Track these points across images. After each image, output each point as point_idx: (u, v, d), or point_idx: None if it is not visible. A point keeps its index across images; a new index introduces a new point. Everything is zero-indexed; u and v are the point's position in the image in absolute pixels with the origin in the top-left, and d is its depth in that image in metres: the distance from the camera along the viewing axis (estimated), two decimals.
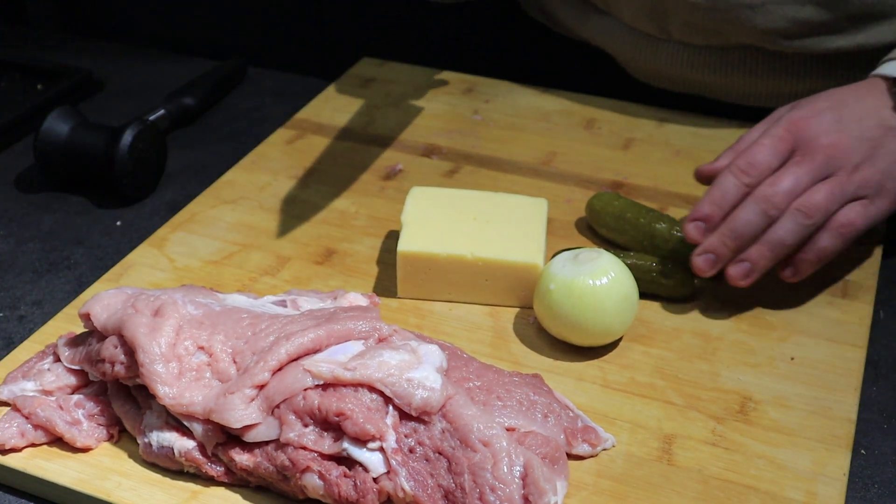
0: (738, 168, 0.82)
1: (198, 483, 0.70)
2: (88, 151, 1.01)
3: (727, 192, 0.82)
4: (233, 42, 1.70)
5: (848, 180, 0.81)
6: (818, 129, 0.83)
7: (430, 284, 0.86)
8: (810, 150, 0.82)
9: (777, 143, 0.83)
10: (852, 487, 0.72)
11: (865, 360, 0.81)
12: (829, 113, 0.84)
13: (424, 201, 0.90)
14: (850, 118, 0.84)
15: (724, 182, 0.82)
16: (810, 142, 0.82)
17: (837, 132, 0.83)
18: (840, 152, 0.82)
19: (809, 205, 0.80)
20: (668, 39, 1.09)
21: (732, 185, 0.82)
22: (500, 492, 0.63)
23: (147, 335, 0.70)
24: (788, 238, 0.81)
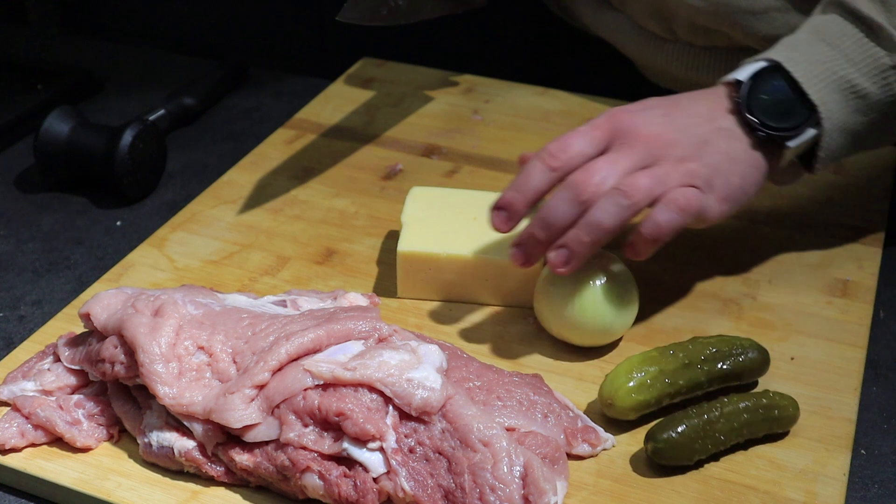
0: (546, 152, 0.77)
1: (198, 483, 0.70)
2: (88, 151, 1.01)
3: (531, 177, 0.76)
4: (233, 42, 1.70)
5: (673, 168, 0.76)
6: (641, 121, 0.78)
7: (429, 284, 0.86)
8: (629, 139, 0.77)
9: (593, 131, 0.78)
10: (852, 487, 0.72)
11: (865, 360, 0.81)
12: (656, 109, 0.80)
13: (424, 201, 0.90)
14: (679, 116, 0.80)
15: (530, 167, 0.77)
16: (630, 132, 0.77)
17: (661, 125, 0.78)
18: (662, 144, 0.77)
19: (630, 185, 0.74)
20: (674, 40, 1.09)
21: (538, 170, 0.76)
22: (500, 492, 0.63)
23: (147, 335, 0.70)
24: (606, 220, 0.74)
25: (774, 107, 0.80)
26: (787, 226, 0.96)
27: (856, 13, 0.82)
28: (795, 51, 0.82)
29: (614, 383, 0.73)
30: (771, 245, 0.94)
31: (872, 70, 0.81)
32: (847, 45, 0.81)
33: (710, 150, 0.79)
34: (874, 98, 0.81)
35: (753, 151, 0.80)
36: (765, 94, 0.81)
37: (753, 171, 0.80)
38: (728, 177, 0.79)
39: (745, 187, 0.80)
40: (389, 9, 1.00)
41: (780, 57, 0.81)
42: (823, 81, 0.80)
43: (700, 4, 1.01)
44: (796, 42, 0.83)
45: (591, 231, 0.74)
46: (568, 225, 0.75)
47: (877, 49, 0.81)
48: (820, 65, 0.80)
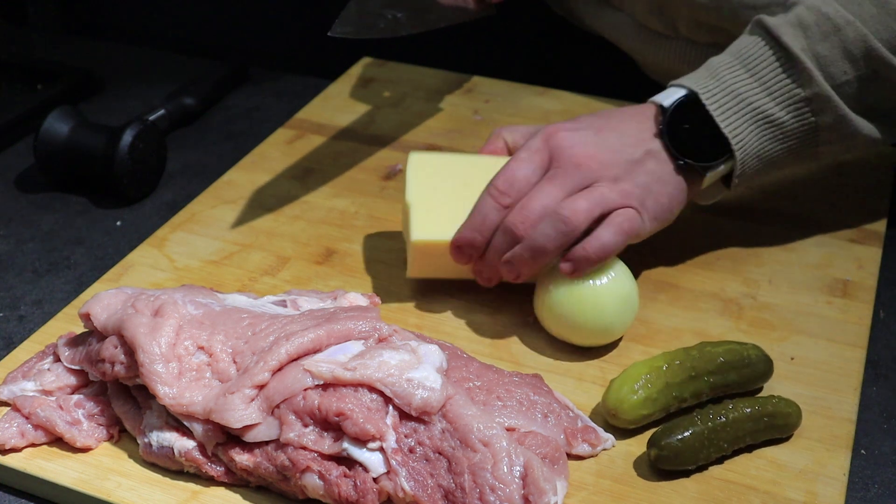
0: (495, 189, 0.81)
1: (198, 483, 0.70)
2: (88, 151, 1.01)
3: (486, 216, 0.81)
4: (233, 42, 1.70)
5: (609, 189, 0.80)
6: (574, 141, 0.82)
7: (442, 266, 0.85)
8: (565, 161, 0.81)
9: (533, 156, 0.81)
10: (852, 487, 0.71)
11: (865, 360, 0.81)
12: (589, 129, 0.83)
13: (426, 172, 0.88)
14: (611, 136, 0.83)
15: (483, 205, 0.81)
16: (565, 153, 0.81)
17: (595, 146, 0.82)
18: (597, 165, 0.81)
19: (570, 210, 0.78)
20: (675, 37, 1.09)
21: (491, 207, 0.80)
22: (500, 492, 0.63)
23: (147, 335, 0.70)
24: (547, 244, 0.78)
25: (694, 136, 0.83)
26: (787, 226, 0.96)
27: (777, 41, 0.83)
28: (714, 78, 0.84)
29: (619, 394, 0.72)
30: (771, 245, 0.94)
31: (788, 101, 0.83)
32: (765, 73, 0.83)
33: (641, 171, 0.82)
34: (789, 127, 0.84)
35: (677, 175, 0.83)
36: (686, 124, 0.84)
37: (678, 192, 0.84)
38: (657, 197, 0.82)
39: (671, 207, 0.84)
40: (387, 21, 0.99)
41: (698, 87, 0.84)
42: (738, 113, 0.83)
43: (703, 1, 1.02)
44: (717, 67, 0.85)
45: (533, 253, 0.79)
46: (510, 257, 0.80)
47: (792, 81, 0.83)
48: (736, 96, 0.83)
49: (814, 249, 0.93)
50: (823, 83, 0.82)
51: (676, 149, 0.83)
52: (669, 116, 0.83)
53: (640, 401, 0.72)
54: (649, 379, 0.72)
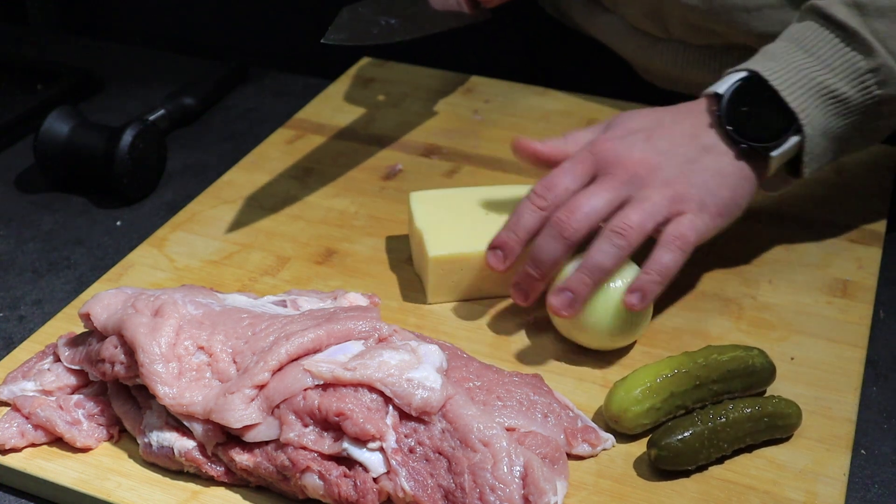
0: (534, 193, 0.80)
1: (198, 483, 0.70)
2: (88, 151, 1.01)
3: (522, 217, 0.80)
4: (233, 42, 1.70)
5: (660, 196, 0.78)
6: (623, 148, 0.80)
7: (460, 286, 0.86)
8: (613, 168, 0.79)
9: (576, 166, 0.80)
10: (852, 487, 0.72)
11: (865, 360, 0.81)
12: (639, 134, 0.82)
13: (429, 205, 0.89)
14: (661, 138, 0.81)
15: (521, 208, 0.80)
16: (613, 161, 0.80)
17: (644, 150, 0.80)
18: (646, 169, 0.79)
19: (624, 225, 0.77)
20: (668, 39, 1.10)
21: (527, 209, 0.79)
22: (500, 492, 0.63)
23: (147, 335, 0.70)
24: (606, 261, 0.77)
25: (755, 118, 0.82)
26: (787, 226, 0.96)
27: (831, 19, 0.82)
28: (773, 60, 0.83)
29: (623, 403, 0.72)
30: (771, 245, 0.94)
31: (850, 74, 0.82)
32: (824, 51, 0.82)
33: (697, 169, 0.80)
34: (853, 101, 0.82)
35: (740, 163, 0.81)
36: (744, 106, 0.82)
37: (743, 182, 0.82)
38: (718, 192, 0.80)
39: (736, 199, 0.81)
40: (381, 28, 0.99)
41: (758, 67, 0.82)
42: (802, 88, 0.81)
43: (695, 3, 1.02)
44: (774, 51, 0.84)
45: (593, 273, 0.77)
46: (557, 262, 0.79)
47: (853, 53, 0.82)
48: (798, 72, 0.81)
49: (814, 249, 0.93)
50: (885, 54, 0.81)
51: (737, 132, 0.81)
52: (727, 100, 0.82)
53: (644, 411, 0.71)
54: (653, 388, 0.72)
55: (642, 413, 0.72)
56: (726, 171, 0.81)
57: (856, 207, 0.99)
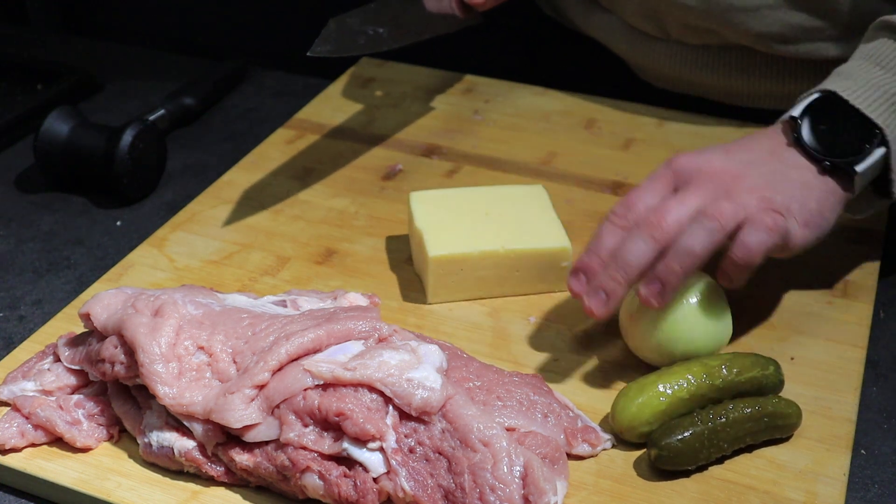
0: (613, 213, 0.77)
1: (198, 483, 0.70)
2: (88, 151, 1.01)
3: (604, 238, 0.76)
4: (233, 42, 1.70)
5: (748, 195, 0.75)
6: (702, 161, 0.78)
7: (461, 285, 0.86)
8: (695, 179, 0.76)
9: (656, 184, 0.77)
10: (852, 487, 0.72)
11: (865, 360, 0.81)
12: (717, 151, 0.79)
13: (429, 205, 0.90)
14: (741, 153, 0.79)
15: (602, 230, 0.76)
16: (694, 173, 0.77)
17: (724, 162, 0.77)
18: (730, 178, 0.76)
19: (716, 209, 0.73)
20: (666, 39, 1.10)
21: (609, 231, 0.76)
22: (500, 492, 0.63)
23: (147, 335, 0.70)
24: (697, 245, 0.72)
25: (834, 136, 0.79)
26: None
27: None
28: (849, 79, 0.81)
29: (632, 423, 0.71)
30: None
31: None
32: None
33: (782, 180, 0.77)
34: None
35: (825, 177, 0.78)
36: (823, 125, 0.80)
37: (829, 195, 0.78)
38: (805, 202, 0.77)
39: (823, 213, 0.78)
40: (368, 38, 0.99)
41: (834, 87, 0.80)
42: (883, 104, 0.79)
43: (693, 4, 1.02)
44: (849, 71, 0.82)
45: (683, 258, 0.73)
46: (646, 264, 0.74)
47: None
48: (876, 89, 0.79)
49: (814, 249, 0.93)
50: None
51: (817, 147, 0.78)
52: (805, 120, 0.80)
53: (648, 421, 0.71)
54: (667, 412, 0.71)
55: (647, 422, 0.71)
56: (811, 184, 0.78)
57: None
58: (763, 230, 0.74)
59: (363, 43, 0.98)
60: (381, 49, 0.99)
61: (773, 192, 0.76)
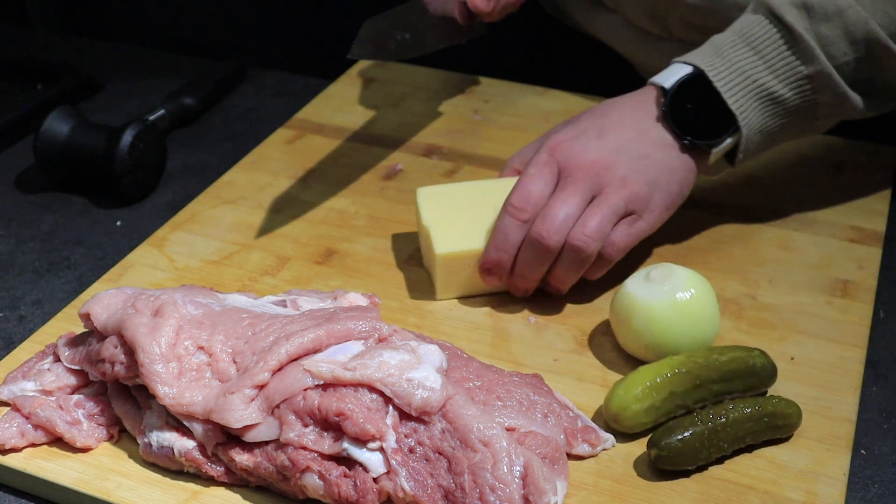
0: (512, 206, 0.83)
1: (198, 483, 0.70)
2: (88, 151, 1.01)
3: (508, 234, 0.83)
4: (233, 42, 1.70)
5: (617, 196, 0.83)
6: (577, 150, 0.84)
7: (470, 281, 0.86)
8: (573, 171, 0.83)
9: (543, 171, 0.84)
10: (852, 487, 0.71)
11: (865, 360, 0.81)
12: (589, 132, 0.86)
13: (435, 201, 0.90)
14: (610, 134, 0.85)
15: (504, 224, 0.83)
16: (573, 163, 0.84)
17: (597, 150, 0.84)
18: (603, 169, 0.83)
19: (583, 240, 0.81)
20: (668, 38, 1.10)
21: (512, 225, 0.83)
22: (500, 492, 0.63)
23: (147, 335, 0.70)
24: (571, 275, 0.84)
25: (697, 115, 0.86)
26: (787, 226, 0.96)
27: (780, 20, 0.85)
28: (719, 56, 0.86)
29: (622, 402, 0.72)
30: (771, 245, 0.94)
31: (790, 78, 0.85)
32: (768, 51, 0.85)
33: (648, 165, 0.85)
34: (791, 104, 0.86)
35: (684, 156, 0.86)
36: (689, 103, 0.86)
37: (688, 174, 0.86)
38: (667, 186, 0.85)
39: (682, 191, 0.87)
40: (397, 43, 1.00)
41: (703, 64, 0.86)
42: (743, 90, 0.85)
43: (695, 2, 1.02)
44: (722, 45, 0.87)
45: (563, 282, 0.84)
46: (543, 270, 0.83)
47: (795, 59, 0.85)
48: (740, 73, 0.85)
49: (814, 249, 0.93)
50: (825, 62, 0.84)
51: (680, 128, 0.85)
52: (672, 96, 0.86)
53: (643, 409, 0.71)
54: (653, 387, 0.72)
55: (642, 412, 0.72)
56: (673, 166, 0.85)
57: (856, 207, 0.99)
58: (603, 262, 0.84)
59: (393, 49, 1.01)
60: (407, 56, 1.01)
61: (639, 183, 0.83)
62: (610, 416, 0.73)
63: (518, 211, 0.83)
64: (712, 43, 0.87)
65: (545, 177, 0.84)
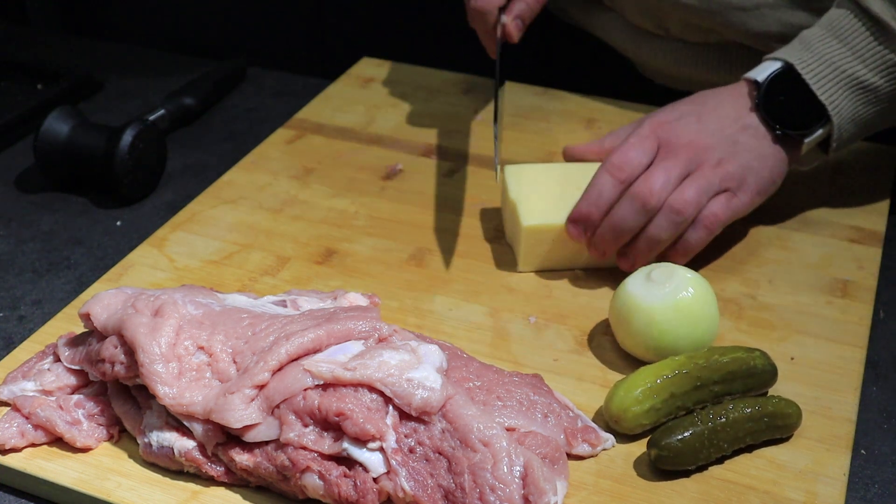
0: (612, 166, 0.86)
1: (198, 483, 0.70)
2: (88, 151, 1.01)
3: (604, 191, 0.86)
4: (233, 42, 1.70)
5: (713, 174, 0.86)
6: (679, 130, 0.88)
7: (551, 255, 0.89)
8: (673, 148, 0.87)
9: (644, 142, 0.87)
10: (852, 487, 0.72)
11: (865, 360, 0.81)
12: (689, 116, 0.89)
13: (523, 178, 0.93)
14: (709, 119, 0.89)
15: (600, 181, 0.86)
16: (672, 141, 0.87)
17: (697, 132, 0.88)
18: (701, 150, 0.87)
19: (682, 202, 0.85)
20: (666, 37, 1.10)
21: (609, 183, 0.86)
22: (500, 492, 0.63)
23: (147, 335, 0.70)
24: (664, 235, 0.85)
25: (790, 106, 0.89)
26: (787, 226, 0.96)
27: (868, 11, 0.87)
28: (808, 50, 0.89)
29: (623, 403, 0.72)
30: (771, 245, 0.94)
31: (881, 66, 0.87)
32: (857, 42, 0.87)
33: (742, 150, 0.88)
34: (883, 91, 0.88)
35: (777, 146, 0.89)
36: (782, 95, 0.89)
37: (780, 163, 0.89)
38: (759, 172, 0.88)
39: (774, 179, 0.90)
40: None
41: (793, 58, 0.88)
42: (833, 81, 0.87)
43: (693, 3, 1.02)
44: (811, 39, 0.89)
45: (652, 245, 0.86)
46: (634, 229, 0.86)
47: (883, 47, 0.86)
48: (830, 65, 0.87)
49: (813, 249, 0.93)
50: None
51: (773, 120, 0.88)
52: (765, 90, 0.89)
53: (644, 411, 0.71)
54: (654, 388, 0.72)
55: (642, 413, 0.71)
56: (766, 153, 0.88)
57: (856, 207, 0.99)
58: (703, 230, 0.86)
59: None
60: None
61: (734, 165, 0.87)
62: (610, 418, 0.73)
63: (617, 170, 0.85)
64: (801, 38, 0.90)
65: (645, 147, 0.87)
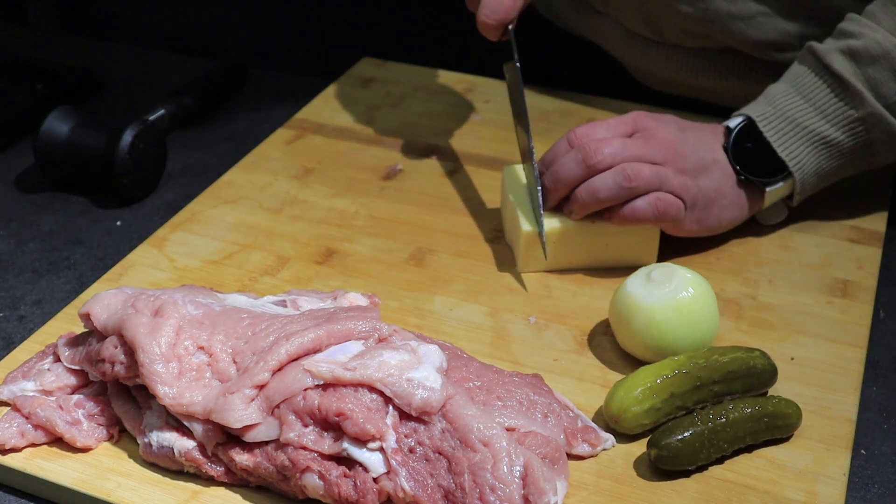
0: (574, 132, 0.88)
1: (198, 483, 0.70)
2: (88, 151, 1.01)
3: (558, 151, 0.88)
4: (233, 42, 1.70)
5: (674, 175, 0.86)
6: (661, 127, 0.89)
7: (552, 256, 0.89)
8: (647, 137, 0.88)
9: (619, 125, 0.88)
10: (852, 487, 0.72)
11: (865, 360, 0.81)
12: (673, 124, 0.90)
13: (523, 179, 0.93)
14: (690, 135, 0.90)
15: (557, 144, 0.88)
16: (650, 132, 0.88)
17: (675, 137, 0.88)
18: (673, 152, 0.87)
19: (635, 172, 0.84)
20: (662, 43, 1.10)
21: (562, 145, 0.88)
22: (500, 492, 0.63)
23: (147, 335, 0.70)
24: (603, 192, 0.85)
25: (754, 156, 0.90)
26: (787, 226, 0.96)
27: (828, 68, 0.88)
28: (771, 105, 0.90)
29: (622, 403, 0.72)
30: (771, 245, 0.94)
31: (842, 122, 0.89)
32: (819, 99, 0.89)
33: (706, 177, 0.88)
34: (845, 145, 0.90)
35: (739, 190, 0.90)
36: (749, 143, 0.90)
37: (734, 206, 0.90)
38: (710, 205, 0.89)
39: (720, 219, 0.90)
40: None
41: (755, 114, 0.90)
42: (795, 137, 0.89)
43: (689, 11, 1.02)
44: (775, 95, 0.91)
45: (588, 195, 0.85)
46: (573, 181, 0.86)
47: (844, 104, 0.88)
48: (792, 121, 0.89)
49: (814, 249, 0.93)
50: (875, 103, 0.87)
51: (739, 165, 0.89)
52: (734, 136, 0.90)
53: (644, 411, 0.71)
54: (654, 389, 0.72)
55: (642, 413, 0.71)
56: (726, 192, 0.89)
57: (856, 207, 0.99)
58: (653, 208, 0.85)
59: None
60: None
61: (694, 183, 0.87)
62: (610, 418, 0.73)
63: (575, 136, 0.87)
64: (767, 93, 0.92)
65: (618, 130, 0.88)
